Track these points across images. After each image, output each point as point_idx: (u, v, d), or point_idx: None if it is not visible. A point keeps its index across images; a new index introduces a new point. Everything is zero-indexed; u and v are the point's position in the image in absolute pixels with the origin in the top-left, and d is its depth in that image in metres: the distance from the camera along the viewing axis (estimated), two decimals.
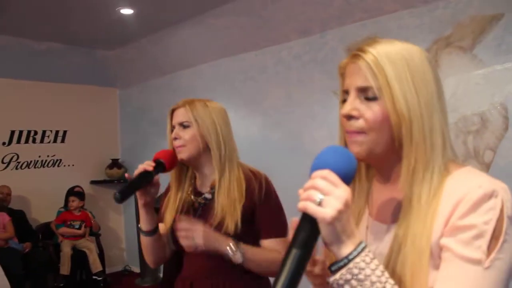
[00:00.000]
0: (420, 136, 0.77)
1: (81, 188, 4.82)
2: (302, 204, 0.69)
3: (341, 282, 0.69)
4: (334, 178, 0.70)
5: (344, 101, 0.85)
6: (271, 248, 1.48)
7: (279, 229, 1.51)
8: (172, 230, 1.55)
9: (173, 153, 1.53)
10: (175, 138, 1.55)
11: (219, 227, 1.45)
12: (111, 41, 4.64)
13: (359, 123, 0.81)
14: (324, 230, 0.69)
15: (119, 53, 4.97)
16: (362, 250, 0.70)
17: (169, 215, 1.58)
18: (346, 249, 0.70)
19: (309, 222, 0.69)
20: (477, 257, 0.69)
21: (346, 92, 0.84)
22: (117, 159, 5.32)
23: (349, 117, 0.82)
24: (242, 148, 1.69)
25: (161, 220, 1.62)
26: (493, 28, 2.47)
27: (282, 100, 3.70)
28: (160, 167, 1.48)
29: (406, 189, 0.78)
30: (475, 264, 0.69)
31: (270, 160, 3.56)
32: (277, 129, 3.72)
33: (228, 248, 1.39)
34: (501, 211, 0.70)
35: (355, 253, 0.70)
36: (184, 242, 1.38)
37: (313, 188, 0.70)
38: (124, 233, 5.53)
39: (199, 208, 1.56)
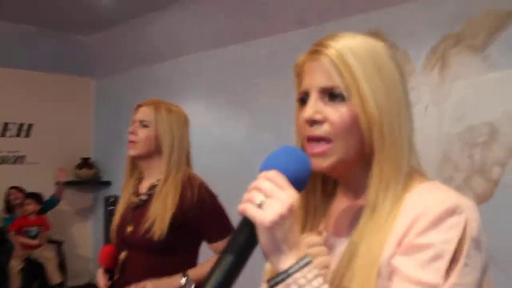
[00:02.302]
0: (391, 139, 0.78)
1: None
2: (241, 206, 0.70)
3: None
4: (280, 180, 0.70)
5: (302, 104, 0.83)
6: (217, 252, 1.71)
7: (222, 231, 1.74)
8: (116, 227, 1.82)
9: (109, 251, 1.79)
10: (131, 133, 1.79)
11: (147, 231, 1.68)
12: (87, 25, 4.63)
13: (324, 129, 0.79)
14: (262, 236, 0.69)
15: (96, 39, 4.97)
16: (306, 265, 0.69)
17: (117, 212, 1.85)
18: (286, 262, 0.69)
19: (247, 226, 0.69)
20: (433, 281, 0.68)
21: (305, 94, 0.83)
22: (88, 158, 5.32)
23: (312, 122, 0.80)
24: (226, 153, 1.80)
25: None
26: (508, 26, 2.46)
27: (275, 98, 3.71)
28: (111, 273, 1.77)
29: (372, 197, 0.78)
30: None
31: (259, 167, 3.53)
32: (268, 131, 3.71)
33: (180, 286, 1.67)
34: (464, 230, 0.70)
35: (296, 267, 0.69)
36: None
37: (256, 189, 0.70)
38: (91, 241, 5.52)
39: (136, 208, 1.80)
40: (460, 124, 2.57)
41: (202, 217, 1.73)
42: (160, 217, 1.67)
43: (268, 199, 0.69)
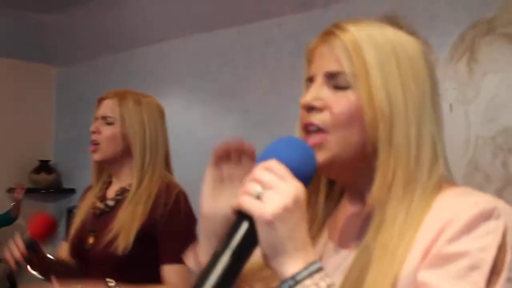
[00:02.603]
0: (403, 142, 0.79)
1: None
2: (236, 201, 0.70)
3: None
4: (281, 170, 0.70)
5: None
6: (167, 278, 1.68)
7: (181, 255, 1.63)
8: (73, 238, 1.79)
9: (46, 220, 1.75)
10: (93, 132, 1.76)
11: (110, 244, 1.66)
12: (49, 2, 4.58)
13: (322, 117, 0.82)
14: (262, 233, 0.68)
15: (59, 19, 4.93)
16: (317, 271, 0.68)
17: (77, 219, 1.83)
18: (292, 266, 0.68)
19: (245, 223, 0.69)
20: None
21: (311, 80, 0.86)
22: (48, 161, 5.26)
23: (310, 108, 0.83)
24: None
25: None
26: None
27: (270, 92, 3.72)
28: (33, 248, 1.67)
29: (378, 208, 0.79)
30: None
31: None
32: (261, 131, 3.66)
33: None
34: (504, 237, 0.71)
35: (305, 273, 0.68)
36: None
37: (253, 181, 0.70)
38: None
39: (100, 216, 1.77)
40: (492, 126, 2.61)
41: (168, 231, 1.70)
42: (126, 227, 1.65)
43: (267, 190, 0.69)
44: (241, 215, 0.70)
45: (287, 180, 0.70)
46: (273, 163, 0.71)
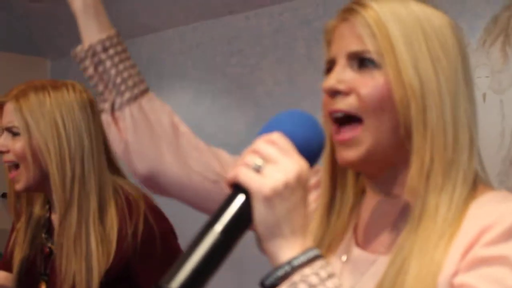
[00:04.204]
0: (438, 122, 0.79)
1: None
2: (232, 172, 0.69)
3: None
4: (285, 144, 0.69)
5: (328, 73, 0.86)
6: None
7: None
8: (19, 277, 1.48)
9: None
10: (1, 152, 1.44)
11: None
12: None
13: (349, 101, 0.81)
14: (258, 210, 0.67)
15: (53, 8, 4.92)
16: (315, 258, 0.68)
17: (17, 255, 1.51)
18: (289, 251, 0.67)
19: (240, 197, 0.68)
20: None
21: (331, 62, 0.86)
22: None
23: (334, 92, 0.82)
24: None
25: (7, 262, 1.56)
26: None
27: (283, 84, 3.70)
28: None
29: (416, 198, 0.79)
30: None
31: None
32: None
33: None
34: None
35: (302, 259, 0.67)
36: None
37: (253, 152, 0.69)
38: None
39: (51, 257, 1.47)
40: None
41: (147, 269, 1.43)
42: (80, 274, 1.37)
43: (268, 164, 0.67)
44: (237, 189, 0.68)
45: (291, 155, 0.69)
46: (276, 136, 0.70)
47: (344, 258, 0.89)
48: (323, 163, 0.90)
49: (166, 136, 1.05)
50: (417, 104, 0.79)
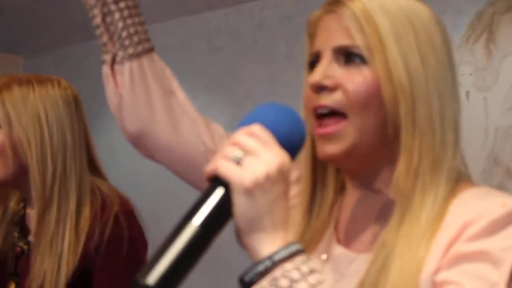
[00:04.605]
0: (427, 122, 0.79)
1: None
2: (211, 165, 0.69)
3: None
4: (266, 136, 0.69)
5: (311, 70, 0.85)
6: None
7: None
8: None
9: None
10: None
11: None
12: None
13: (335, 97, 0.81)
14: (238, 203, 0.66)
15: (26, 4, 4.88)
16: (297, 253, 0.67)
17: None
18: (270, 245, 0.67)
19: (219, 190, 0.68)
20: None
21: (315, 56, 0.85)
22: None
23: (320, 87, 0.82)
24: None
25: None
26: None
27: (264, 82, 3.70)
28: None
29: (402, 196, 0.79)
30: None
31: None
32: None
33: None
34: None
35: (283, 253, 0.66)
36: None
37: (233, 145, 0.69)
38: None
39: (22, 256, 1.46)
40: None
41: (106, 270, 1.41)
42: (51, 273, 1.37)
43: (249, 156, 0.67)
44: (216, 181, 0.68)
45: (272, 147, 0.69)
46: (257, 128, 0.70)
47: (324, 256, 0.89)
48: (303, 159, 0.90)
49: (161, 99, 1.06)
50: (407, 102, 0.79)
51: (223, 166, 0.67)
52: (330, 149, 0.82)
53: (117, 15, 1.04)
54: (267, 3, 3.65)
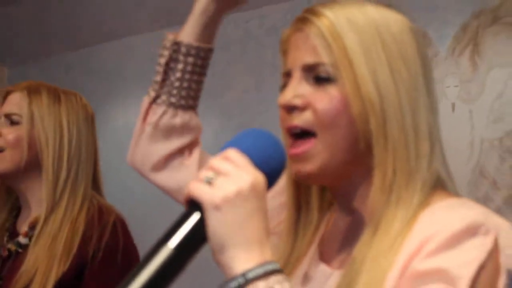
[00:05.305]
0: (400, 136, 0.79)
1: None
2: (186, 189, 0.70)
3: None
4: (240, 159, 0.70)
5: (285, 87, 0.86)
6: None
7: None
8: None
9: None
10: None
11: None
12: None
13: (305, 117, 0.82)
14: (210, 221, 0.67)
15: (10, 12, 4.86)
16: (273, 272, 0.66)
17: None
18: (243, 262, 0.66)
19: (194, 212, 0.69)
20: None
21: (288, 75, 0.86)
22: None
23: (290, 107, 0.82)
24: None
25: None
26: None
27: (251, 92, 3.72)
28: None
29: (376, 211, 0.79)
30: None
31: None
32: None
33: None
34: (491, 255, 0.70)
35: (259, 272, 0.65)
36: None
37: (207, 169, 0.71)
38: None
39: (9, 258, 1.48)
40: (499, 127, 2.61)
41: (102, 275, 1.43)
42: (42, 272, 1.38)
43: (220, 177, 0.69)
44: (193, 206, 0.69)
45: (245, 169, 0.70)
46: (231, 153, 0.71)
47: (302, 272, 0.89)
48: (286, 181, 0.91)
49: (175, 159, 1.10)
50: (377, 119, 0.78)
51: (195, 187, 0.69)
52: (301, 168, 0.82)
53: (180, 66, 1.09)
54: (253, 13, 3.65)
